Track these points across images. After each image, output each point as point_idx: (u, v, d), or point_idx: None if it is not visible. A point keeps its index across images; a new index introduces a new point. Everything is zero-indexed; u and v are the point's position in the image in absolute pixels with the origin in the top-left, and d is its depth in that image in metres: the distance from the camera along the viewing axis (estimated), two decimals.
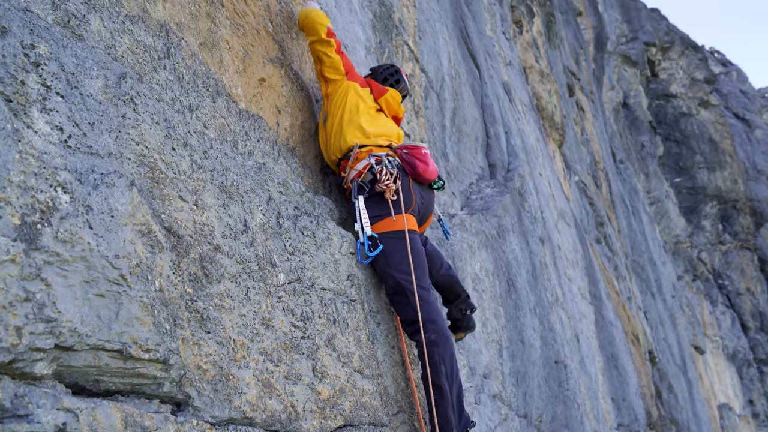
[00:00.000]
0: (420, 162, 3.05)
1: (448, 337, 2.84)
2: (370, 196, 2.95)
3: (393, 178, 2.93)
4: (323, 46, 3.20)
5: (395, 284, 2.83)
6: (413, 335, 2.84)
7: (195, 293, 1.78)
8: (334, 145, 3.13)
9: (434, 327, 2.80)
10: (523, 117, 9.74)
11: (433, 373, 2.75)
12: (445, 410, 2.72)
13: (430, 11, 6.37)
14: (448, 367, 2.77)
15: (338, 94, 3.21)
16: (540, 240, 7.43)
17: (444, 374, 2.74)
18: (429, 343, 2.77)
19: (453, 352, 2.84)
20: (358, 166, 3.02)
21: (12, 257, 1.29)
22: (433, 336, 2.78)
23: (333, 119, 3.16)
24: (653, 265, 18.62)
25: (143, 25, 2.20)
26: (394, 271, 2.81)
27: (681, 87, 28.86)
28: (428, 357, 2.76)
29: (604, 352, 9.66)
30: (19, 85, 1.47)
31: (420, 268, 2.88)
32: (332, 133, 3.14)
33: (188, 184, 1.89)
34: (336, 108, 3.18)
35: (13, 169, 1.36)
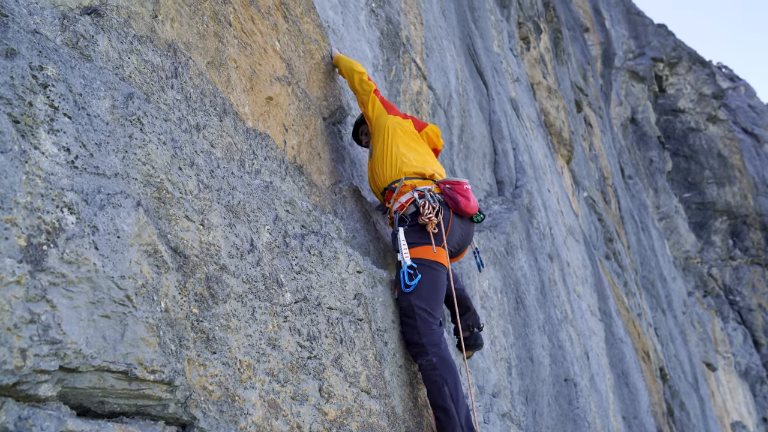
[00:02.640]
0: (462, 197, 3.14)
1: (451, 363, 2.88)
2: (410, 227, 3.07)
3: (435, 212, 3.04)
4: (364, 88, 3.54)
5: (408, 306, 2.91)
6: (416, 357, 2.90)
7: (201, 313, 1.77)
8: (380, 178, 3.32)
9: (436, 350, 2.85)
10: (531, 133, 9.74)
11: (436, 396, 2.79)
12: (454, 430, 2.75)
13: (437, 28, 6.40)
14: (452, 390, 2.79)
15: (381, 129, 3.43)
16: (549, 257, 7.39)
17: (449, 396, 2.77)
18: (430, 365, 2.82)
19: (457, 377, 2.86)
20: (401, 199, 3.17)
21: (17, 279, 1.29)
22: (435, 359, 2.82)
23: (377, 152, 3.38)
24: (663, 281, 18.47)
25: (151, 45, 2.21)
26: (411, 295, 2.90)
27: (689, 102, 28.83)
28: (431, 379, 2.82)
29: (614, 369, 9.55)
30: (27, 107, 1.47)
31: (436, 300, 2.95)
32: (377, 165, 3.35)
33: (195, 203, 1.88)
34: (379, 142, 3.39)
35: (19, 191, 1.36)
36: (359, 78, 3.57)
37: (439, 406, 2.78)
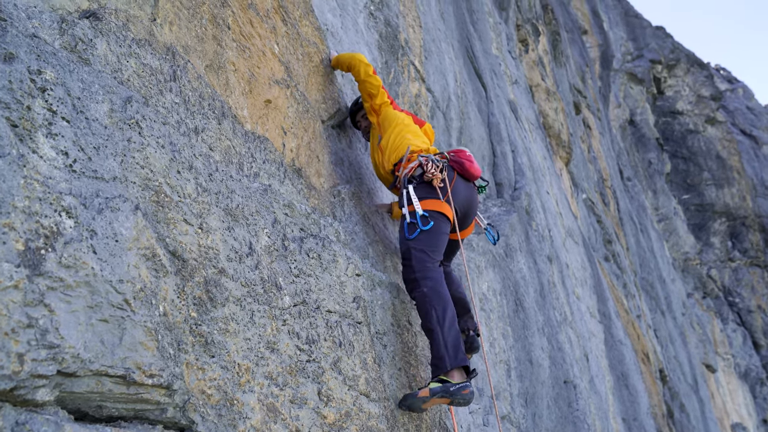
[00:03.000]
0: (466, 161, 3.44)
1: (443, 294, 2.96)
2: (418, 185, 3.30)
3: (439, 170, 3.30)
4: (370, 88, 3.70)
5: (406, 249, 3.08)
6: (411, 292, 3.02)
7: (199, 317, 1.76)
8: (391, 155, 3.55)
9: (429, 283, 2.96)
10: (529, 135, 9.74)
11: (425, 320, 2.90)
12: (438, 350, 2.81)
13: (435, 31, 6.41)
14: (440, 314, 2.88)
15: (390, 117, 3.69)
16: (548, 259, 7.38)
17: (435, 319, 2.86)
18: (422, 295, 2.94)
19: (447, 306, 2.94)
20: (410, 166, 3.40)
21: (15, 283, 1.29)
22: (426, 290, 2.94)
23: (388, 136, 3.62)
24: (662, 283, 18.47)
25: (150, 48, 2.21)
26: (410, 241, 3.08)
27: (687, 104, 28.87)
28: (422, 308, 2.93)
29: (614, 371, 9.54)
30: (25, 111, 1.47)
31: (435, 244, 3.10)
32: (388, 146, 3.58)
33: (193, 207, 1.88)
34: (390, 127, 3.64)
35: (17, 195, 1.36)
36: (365, 70, 3.69)
37: (427, 328, 2.89)
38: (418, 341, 3.17)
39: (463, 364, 2.77)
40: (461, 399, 2.69)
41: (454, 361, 2.75)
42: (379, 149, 3.65)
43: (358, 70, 3.70)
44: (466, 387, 2.67)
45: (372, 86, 3.70)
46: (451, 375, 2.74)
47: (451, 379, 2.72)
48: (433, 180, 3.25)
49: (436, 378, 2.74)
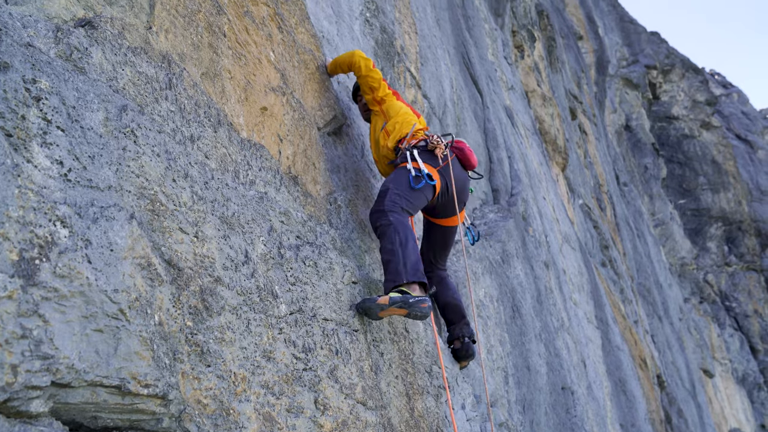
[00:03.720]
0: (466, 149, 3.62)
1: (408, 227, 3.00)
2: (421, 152, 3.44)
3: (443, 143, 3.47)
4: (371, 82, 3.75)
5: (386, 189, 3.19)
6: (376, 222, 3.06)
7: (195, 326, 1.76)
8: (397, 135, 3.64)
9: (396, 216, 3.01)
10: (525, 141, 9.76)
11: (387, 242, 2.92)
12: (396, 266, 2.84)
13: (431, 38, 6.43)
14: (403, 239, 2.91)
15: (395, 107, 3.77)
16: (545, 264, 7.39)
17: (398, 242, 2.90)
18: (387, 222, 2.99)
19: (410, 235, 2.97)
20: (412, 142, 3.54)
21: (9, 294, 1.28)
22: (392, 218, 3.00)
23: (395, 121, 3.70)
24: (659, 288, 18.49)
25: (145, 56, 2.21)
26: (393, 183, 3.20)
27: (683, 109, 28.98)
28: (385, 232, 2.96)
29: (611, 377, 9.53)
30: (20, 120, 1.47)
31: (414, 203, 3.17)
32: (395, 129, 3.66)
33: (189, 215, 1.88)
34: (396, 115, 3.73)
35: (11, 204, 1.35)
36: (366, 65, 3.74)
37: (387, 249, 2.90)
38: (414, 349, 3.16)
39: (421, 280, 2.81)
40: (418, 311, 2.68)
41: (412, 276, 2.80)
42: (384, 132, 3.74)
43: (359, 66, 3.74)
44: (424, 301, 2.68)
45: (373, 80, 3.75)
46: (412, 288, 2.78)
47: (412, 292, 2.76)
48: (436, 148, 3.41)
49: (396, 288, 2.75)
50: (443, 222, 3.56)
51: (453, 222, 3.63)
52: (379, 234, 3.01)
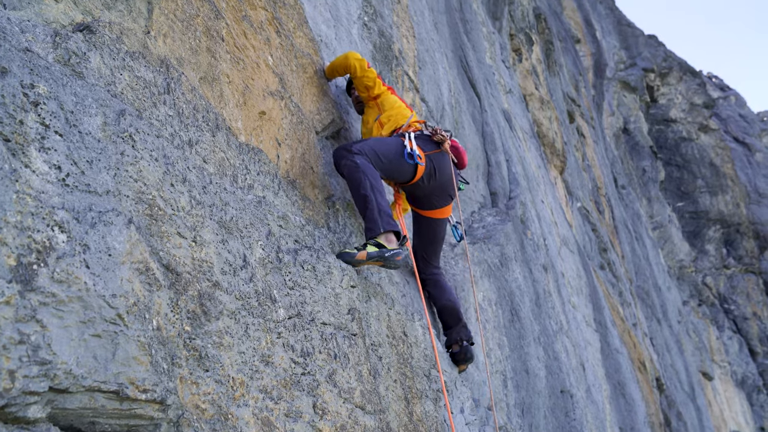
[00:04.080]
0: (461, 148, 3.67)
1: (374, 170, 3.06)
2: (418, 137, 3.48)
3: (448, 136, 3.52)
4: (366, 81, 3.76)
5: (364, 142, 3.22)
6: (340, 160, 3.10)
7: (193, 331, 1.75)
8: (392, 125, 3.66)
9: (364, 160, 3.05)
10: (524, 144, 9.77)
11: (358, 187, 2.98)
12: (372, 213, 2.94)
13: (429, 41, 6.44)
14: (373, 183, 2.99)
15: (390, 101, 3.79)
16: (543, 268, 7.39)
17: (369, 186, 2.97)
18: (353, 164, 3.02)
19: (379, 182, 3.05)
20: (409, 131, 3.54)
21: (7, 299, 1.28)
22: (359, 161, 3.04)
23: (389, 114, 3.72)
24: (658, 291, 18.49)
25: (143, 61, 2.21)
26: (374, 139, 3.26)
27: (680, 112, 29.04)
28: (353, 176, 3.01)
29: (610, 380, 9.53)
30: (18, 125, 1.47)
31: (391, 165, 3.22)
32: (390, 120, 3.68)
33: (187, 220, 1.88)
34: (390, 109, 3.75)
35: (9, 210, 1.35)
36: (361, 65, 3.75)
37: (360, 194, 2.98)
38: (413, 352, 3.16)
39: (395, 229, 2.94)
40: (393, 264, 2.87)
41: (387, 225, 2.92)
42: (379, 123, 3.76)
43: (354, 68, 3.76)
44: (399, 254, 2.86)
45: (368, 80, 3.78)
46: (388, 240, 2.90)
47: (387, 244, 2.89)
48: (435, 135, 3.48)
49: (372, 241, 2.88)
50: (430, 213, 3.61)
51: (440, 214, 3.66)
52: (346, 174, 3.04)
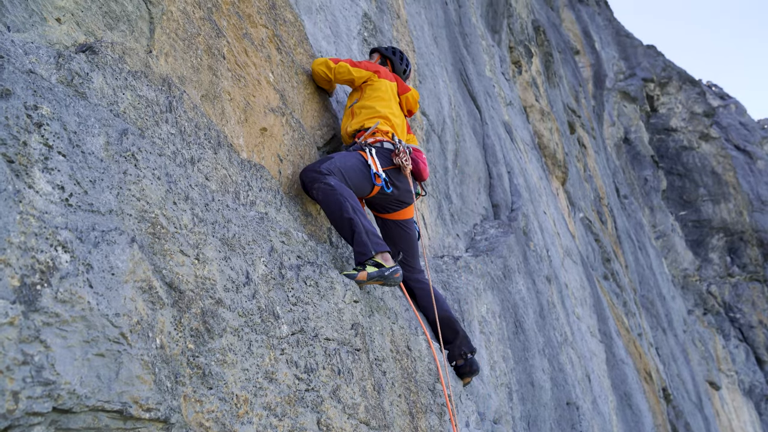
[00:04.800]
0: (422, 162, 3.61)
1: (350, 191, 3.04)
2: (378, 152, 3.41)
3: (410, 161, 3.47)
4: (342, 77, 3.69)
5: (327, 157, 3.19)
6: (312, 184, 3.03)
7: (197, 349, 1.75)
8: (357, 124, 3.56)
9: (333, 179, 3.02)
10: (525, 156, 9.79)
11: (340, 210, 2.95)
12: (360, 236, 2.92)
13: (429, 55, 6.48)
14: (354, 205, 2.96)
15: (372, 87, 3.68)
16: (546, 279, 7.37)
17: (351, 209, 2.94)
18: (328, 187, 2.98)
19: (357, 201, 3.03)
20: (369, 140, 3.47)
21: (10, 320, 1.28)
22: (332, 182, 3.00)
23: (363, 104, 3.63)
24: (663, 300, 18.41)
25: (146, 80, 2.23)
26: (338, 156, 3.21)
27: (681, 121, 29.08)
28: (331, 200, 2.96)
29: (616, 391, 9.47)
30: (21, 146, 1.48)
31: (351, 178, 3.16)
32: (359, 115, 3.59)
33: (189, 238, 1.88)
34: (367, 99, 3.64)
35: (13, 231, 1.36)
36: (327, 68, 3.67)
37: (345, 219, 2.93)
38: (417, 367, 3.15)
39: (385, 249, 2.95)
40: (393, 281, 2.91)
41: (377, 247, 2.92)
42: (351, 112, 3.68)
43: (326, 75, 3.68)
44: (397, 270, 2.90)
45: (341, 74, 3.68)
46: (384, 258, 2.92)
47: (384, 263, 2.91)
48: (396, 156, 3.41)
49: (370, 261, 2.89)
50: (391, 216, 3.56)
51: (403, 215, 3.61)
52: (321, 198, 3.00)
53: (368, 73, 3.73)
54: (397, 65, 4.09)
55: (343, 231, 2.98)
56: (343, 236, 3.02)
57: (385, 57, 4.14)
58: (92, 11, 2.20)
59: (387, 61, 4.12)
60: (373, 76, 3.72)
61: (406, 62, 4.15)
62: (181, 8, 2.61)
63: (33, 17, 2.01)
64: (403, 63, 4.12)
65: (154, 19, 2.45)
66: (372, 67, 3.77)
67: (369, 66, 3.77)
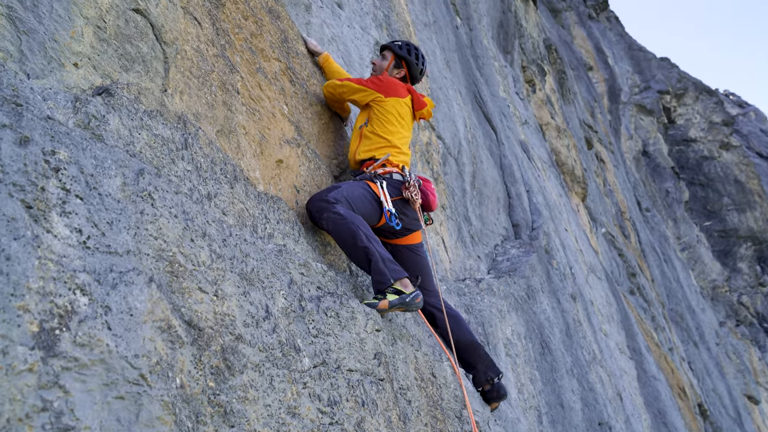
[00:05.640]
0: (431, 194, 3.53)
1: (360, 218, 2.97)
2: (389, 184, 3.34)
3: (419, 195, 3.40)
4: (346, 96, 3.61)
5: (334, 186, 3.13)
6: (321, 213, 2.95)
7: (217, 386, 1.74)
8: (366, 152, 3.46)
9: (342, 207, 2.95)
10: (543, 174, 9.74)
11: (354, 239, 2.88)
12: (377, 265, 2.85)
13: (442, 79, 6.51)
14: (367, 233, 2.90)
15: (381, 109, 3.53)
16: (571, 297, 7.26)
17: (365, 237, 2.88)
18: (338, 216, 2.91)
19: (369, 228, 2.97)
20: (378, 171, 3.39)
21: (30, 366, 1.28)
22: (341, 210, 2.93)
23: (373, 129, 3.51)
24: (692, 313, 18.04)
25: (161, 118, 2.26)
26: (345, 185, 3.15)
27: (700, 131, 28.80)
28: (343, 229, 2.89)
29: (650, 408, 9.24)
30: (40, 192, 1.50)
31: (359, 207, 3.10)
32: (369, 142, 3.48)
33: (208, 274, 1.88)
34: (378, 125, 3.51)
35: (32, 276, 1.37)
36: (332, 89, 3.61)
37: (360, 248, 2.87)
38: (443, 394, 3.10)
39: (403, 276, 2.90)
40: (415, 306, 2.86)
41: (395, 274, 2.86)
42: (360, 134, 3.54)
43: (336, 97, 3.60)
44: (417, 296, 2.85)
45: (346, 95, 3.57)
46: (404, 284, 2.86)
47: (404, 289, 2.85)
48: (406, 190, 3.35)
49: (390, 288, 2.84)
50: (401, 242, 3.49)
51: (412, 240, 3.53)
52: (331, 227, 2.93)
53: (373, 94, 3.54)
54: (413, 65, 3.82)
55: (358, 260, 2.94)
56: (359, 265, 2.98)
57: (399, 57, 3.82)
58: (108, 54, 2.24)
59: (402, 62, 3.83)
60: (379, 96, 3.53)
61: (422, 60, 3.87)
62: (194, 47, 2.66)
63: (51, 63, 2.05)
64: (419, 62, 3.84)
65: (168, 59, 2.49)
66: (379, 86, 3.56)
67: (375, 84, 3.57)
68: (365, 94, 3.54)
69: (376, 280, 2.86)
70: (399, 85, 3.63)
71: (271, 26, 3.41)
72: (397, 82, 3.66)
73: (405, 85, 3.70)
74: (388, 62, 3.83)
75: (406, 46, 3.82)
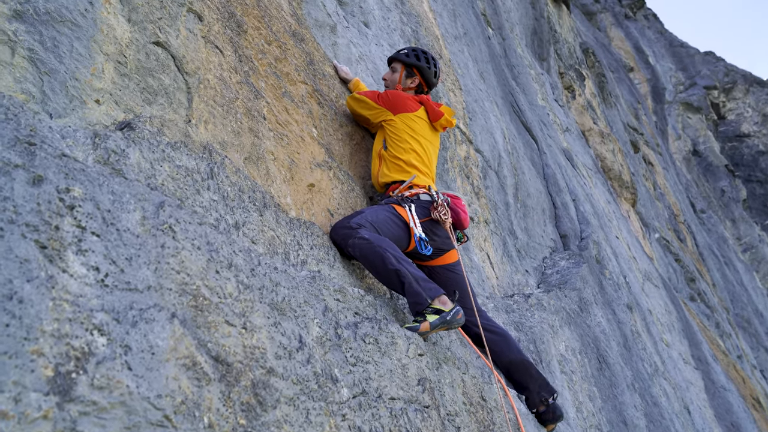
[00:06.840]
0: (462, 212, 3.39)
1: (388, 240, 2.85)
2: (418, 206, 3.21)
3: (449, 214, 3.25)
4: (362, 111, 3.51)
5: (358, 211, 3.03)
6: (346, 240, 2.83)
7: (249, 424, 1.65)
8: (389, 176, 3.35)
9: (366, 232, 2.82)
10: (589, 181, 9.45)
11: (384, 263, 2.76)
12: (411, 286, 2.74)
13: (477, 92, 6.39)
14: (396, 254, 2.78)
15: (393, 128, 3.42)
16: (627, 307, 6.95)
17: (394, 259, 2.75)
18: (364, 241, 2.77)
19: (398, 249, 2.84)
20: (405, 193, 3.26)
21: (44, 413, 1.22)
22: (366, 234, 2.80)
23: (393, 152, 3.39)
24: (760, 317, 17.14)
25: (185, 149, 2.22)
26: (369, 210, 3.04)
27: (753, 125, 27.68)
28: (371, 252, 2.76)
29: (722, 421, 8.73)
30: (54, 231, 1.45)
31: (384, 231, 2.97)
32: (392, 165, 3.37)
33: (235, 307, 1.81)
34: (397, 147, 3.39)
35: (45, 318, 1.31)
36: (353, 99, 3.53)
37: (392, 270, 2.75)
38: (494, 418, 2.93)
39: (440, 293, 2.77)
40: (457, 323, 2.74)
41: (432, 293, 2.75)
42: (379, 157, 3.42)
43: (357, 112, 3.51)
44: (458, 311, 2.73)
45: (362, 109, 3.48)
46: (442, 302, 2.75)
47: (443, 306, 2.74)
48: (435, 211, 3.21)
49: (429, 309, 2.73)
50: (436, 263, 3.33)
51: (448, 260, 3.38)
52: (359, 254, 2.81)
53: (384, 113, 3.43)
54: (426, 70, 3.65)
55: (391, 284, 2.81)
56: (393, 289, 2.86)
57: (409, 65, 3.66)
58: (130, 89, 2.22)
59: (413, 69, 3.66)
60: (388, 115, 3.42)
61: (433, 62, 3.69)
62: (217, 75, 2.63)
63: (73, 102, 2.04)
64: (431, 65, 3.67)
65: (191, 89, 2.47)
66: (387, 102, 3.45)
67: (384, 100, 3.45)
68: (377, 113, 3.45)
69: (413, 302, 2.74)
70: (407, 99, 3.50)
71: (296, 49, 3.38)
72: (405, 95, 3.53)
73: (415, 97, 3.56)
74: (399, 74, 3.70)
75: (413, 52, 3.68)
